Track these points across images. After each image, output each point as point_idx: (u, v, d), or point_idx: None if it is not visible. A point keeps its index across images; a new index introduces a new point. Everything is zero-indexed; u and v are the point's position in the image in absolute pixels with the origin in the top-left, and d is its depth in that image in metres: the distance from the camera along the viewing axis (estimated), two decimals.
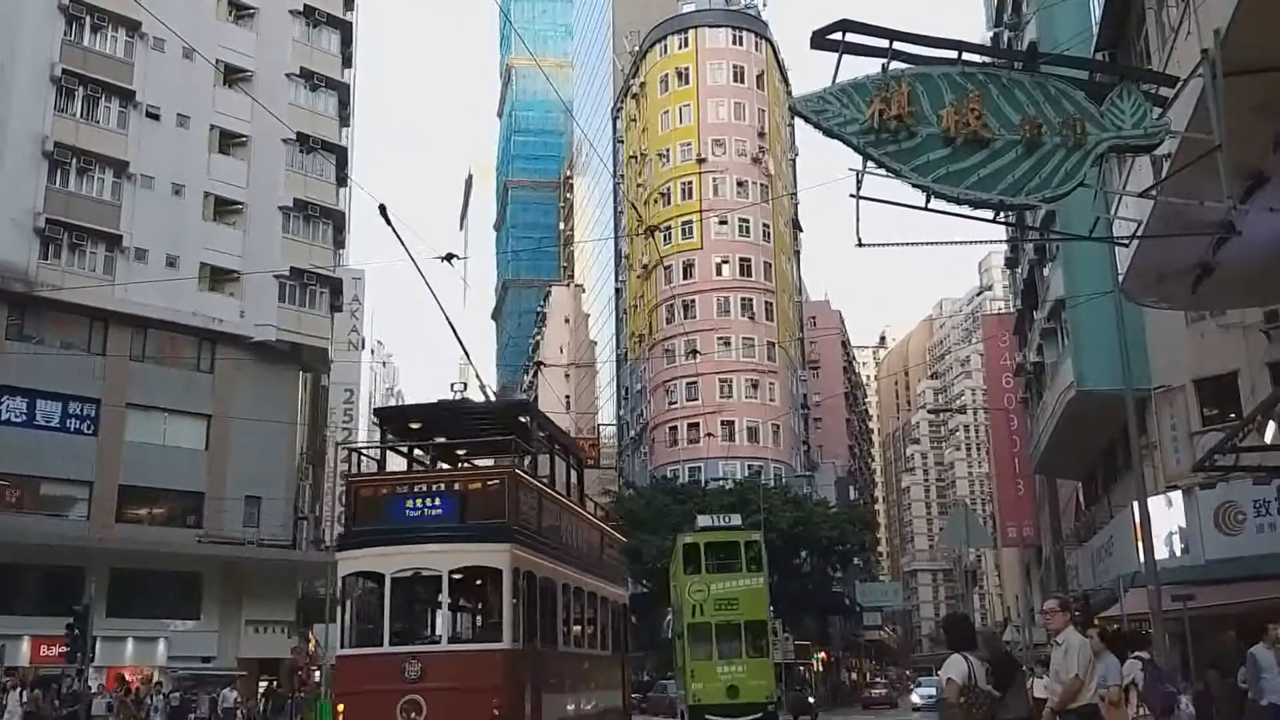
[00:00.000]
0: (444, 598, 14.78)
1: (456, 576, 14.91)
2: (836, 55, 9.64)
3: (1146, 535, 19.08)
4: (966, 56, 10.14)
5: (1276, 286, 15.72)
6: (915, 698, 45.68)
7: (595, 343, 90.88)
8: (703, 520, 35.41)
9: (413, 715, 13.78)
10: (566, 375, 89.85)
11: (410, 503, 15.05)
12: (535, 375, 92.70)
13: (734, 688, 28.88)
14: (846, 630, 78.28)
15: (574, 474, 19.90)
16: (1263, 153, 10.92)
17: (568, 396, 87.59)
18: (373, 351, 72.21)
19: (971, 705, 8.37)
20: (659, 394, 68.61)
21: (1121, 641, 10.28)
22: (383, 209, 13.19)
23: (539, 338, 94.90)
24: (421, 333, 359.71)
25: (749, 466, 62.36)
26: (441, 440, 17.60)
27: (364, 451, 19.77)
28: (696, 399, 66.07)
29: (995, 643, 11.62)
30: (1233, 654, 22.87)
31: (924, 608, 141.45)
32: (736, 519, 35.47)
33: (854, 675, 75.55)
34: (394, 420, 18.26)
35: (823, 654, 65.20)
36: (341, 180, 44.33)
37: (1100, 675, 8.77)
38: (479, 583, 15.88)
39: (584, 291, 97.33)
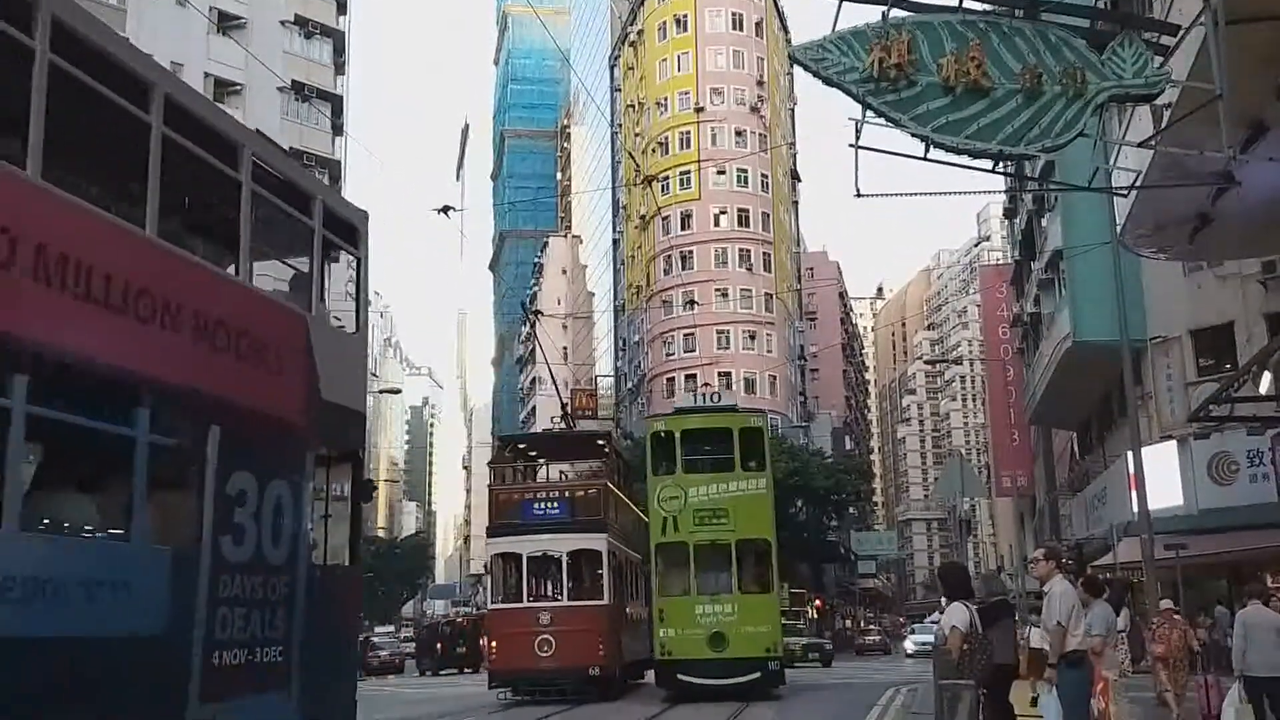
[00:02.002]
0: (563, 570, 22.04)
1: (570, 556, 22.01)
2: (837, 2, 9.59)
3: (1140, 485, 19.25)
4: (967, 4, 10.09)
5: (1274, 237, 15.74)
6: (909, 645, 46.09)
7: (593, 294, 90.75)
8: (680, 402, 28.50)
9: (544, 649, 21.05)
10: (564, 326, 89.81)
11: (537, 505, 22.65)
12: (533, 326, 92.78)
13: (719, 636, 20.28)
14: (841, 578, 79.06)
15: (621, 472, 25.99)
16: (1263, 102, 10.89)
17: (565, 347, 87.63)
18: (369, 302, 72.00)
19: (975, 652, 8.49)
20: (656, 345, 68.65)
21: (1095, 587, 10.35)
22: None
23: (536, 289, 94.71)
24: (418, 282, 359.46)
25: None
26: (538, 459, 25.95)
27: (495, 465, 25.83)
28: (694, 350, 66.11)
29: (994, 583, 11.69)
30: (1225, 602, 23.19)
31: (918, 556, 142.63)
32: (732, 401, 26.98)
33: (848, 623, 76.34)
34: (511, 443, 27.32)
35: (817, 601, 65.86)
36: (337, 129, 44.02)
37: (1086, 623, 8.83)
38: (585, 560, 22.39)
39: (581, 243, 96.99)
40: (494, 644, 22.49)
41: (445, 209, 21.78)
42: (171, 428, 6.62)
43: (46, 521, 6.07)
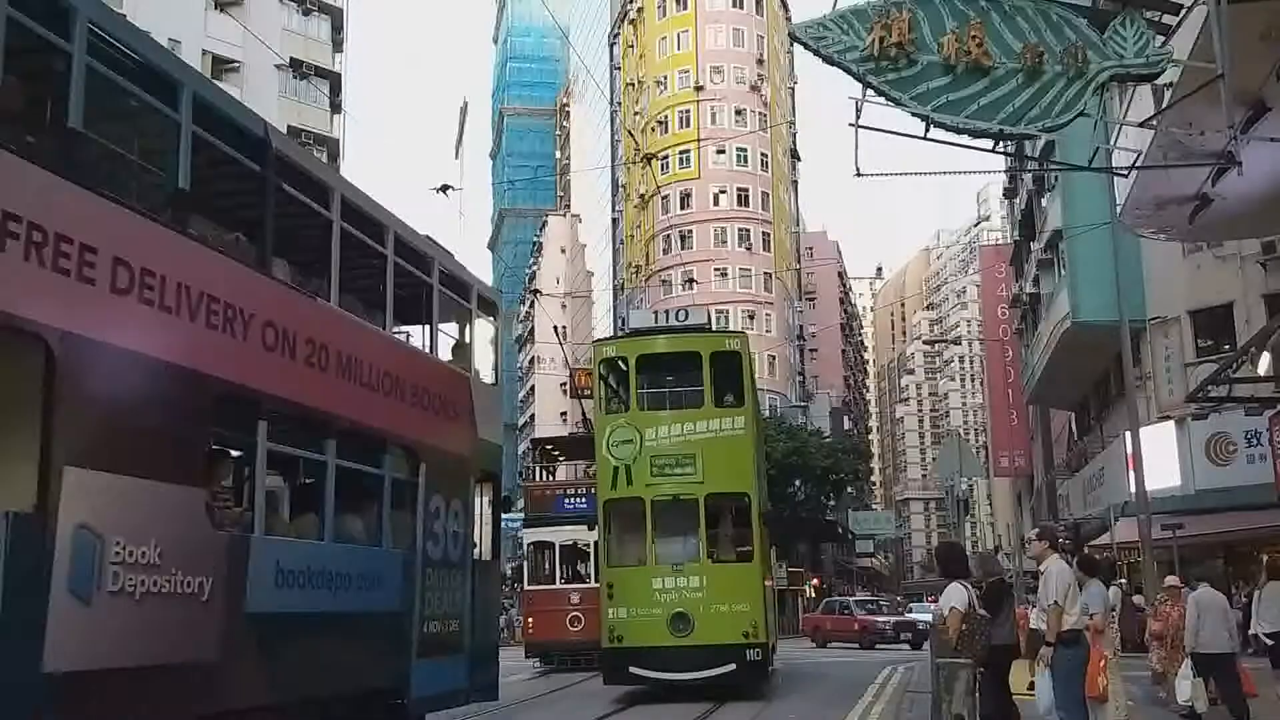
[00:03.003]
0: (591, 556, 22.93)
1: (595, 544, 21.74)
2: None
3: (1138, 465, 19.31)
4: None
5: (1274, 218, 15.73)
6: None
7: (592, 273, 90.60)
8: (638, 318, 22.16)
9: (575, 625, 23.14)
10: (563, 305, 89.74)
11: (568, 500, 25.18)
12: (532, 305, 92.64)
13: (683, 617, 16.03)
14: (839, 557, 79.33)
15: None
16: (1264, 82, 10.87)
17: (564, 326, 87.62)
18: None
19: (974, 631, 8.53)
20: None
21: (1091, 566, 10.41)
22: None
23: (536, 267, 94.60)
24: None
25: None
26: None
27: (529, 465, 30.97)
28: None
29: (990, 564, 11.68)
30: (1221, 582, 23.29)
31: (916, 536, 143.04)
32: (701, 318, 20.22)
33: None
34: (542, 444, 32.67)
35: (815, 580, 66.10)
36: (335, 107, 43.84)
37: (1082, 602, 8.87)
38: None
39: (580, 221, 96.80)
40: (530, 620, 25.58)
41: (444, 188, 21.75)
42: (402, 467, 10.07)
43: (340, 535, 9.13)
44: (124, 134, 7.84)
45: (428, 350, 11.20)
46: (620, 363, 17.89)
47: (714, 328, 19.82)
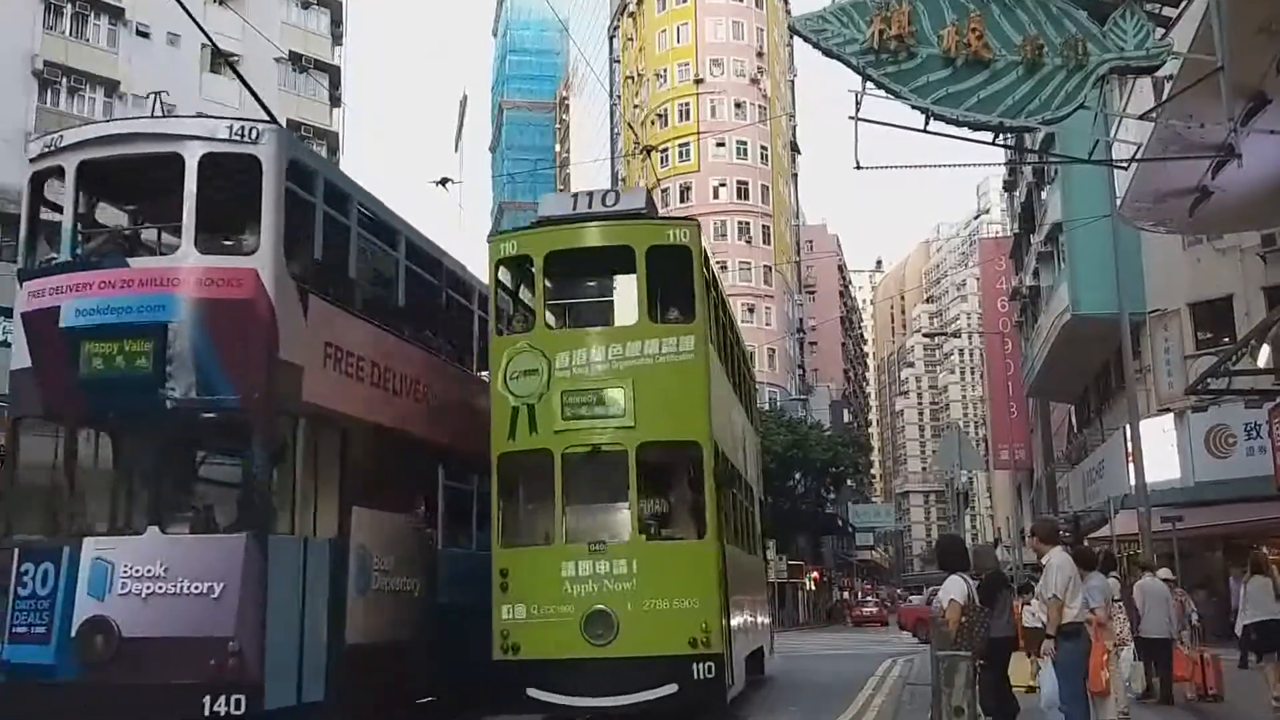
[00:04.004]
0: None
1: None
2: None
3: (1137, 457, 19.31)
4: None
5: (1274, 210, 15.73)
6: None
7: None
8: (548, 204, 13.74)
9: None
10: None
11: None
12: None
13: (602, 618, 11.29)
14: (839, 550, 79.43)
15: None
16: (1264, 75, 10.87)
17: None
18: None
19: (973, 624, 8.56)
20: None
21: (1088, 560, 10.44)
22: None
23: None
24: None
25: None
26: None
27: None
28: None
29: (987, 558, 11.61)
30: (1220, 574, 23.34)
31: (915, 529, 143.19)
32: (639, 201, 13.39)
33: (845, 594, 76.75)
34: None
35: (815, 573, 66.21)
36: (335, 101, 43.80)
37: (1083, 595, 8.87)
38: None
39: None
40: None
41: (444, 181, 21.67)
42: (479, 483, 12.60)
43: (463, 540, 12.88)
44: (371, 269, 11.60)
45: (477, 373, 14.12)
46: (523, 263, 12.79)
47: (654, 214, 13.54)
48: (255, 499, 9.15)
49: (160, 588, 8.69)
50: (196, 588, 8.72)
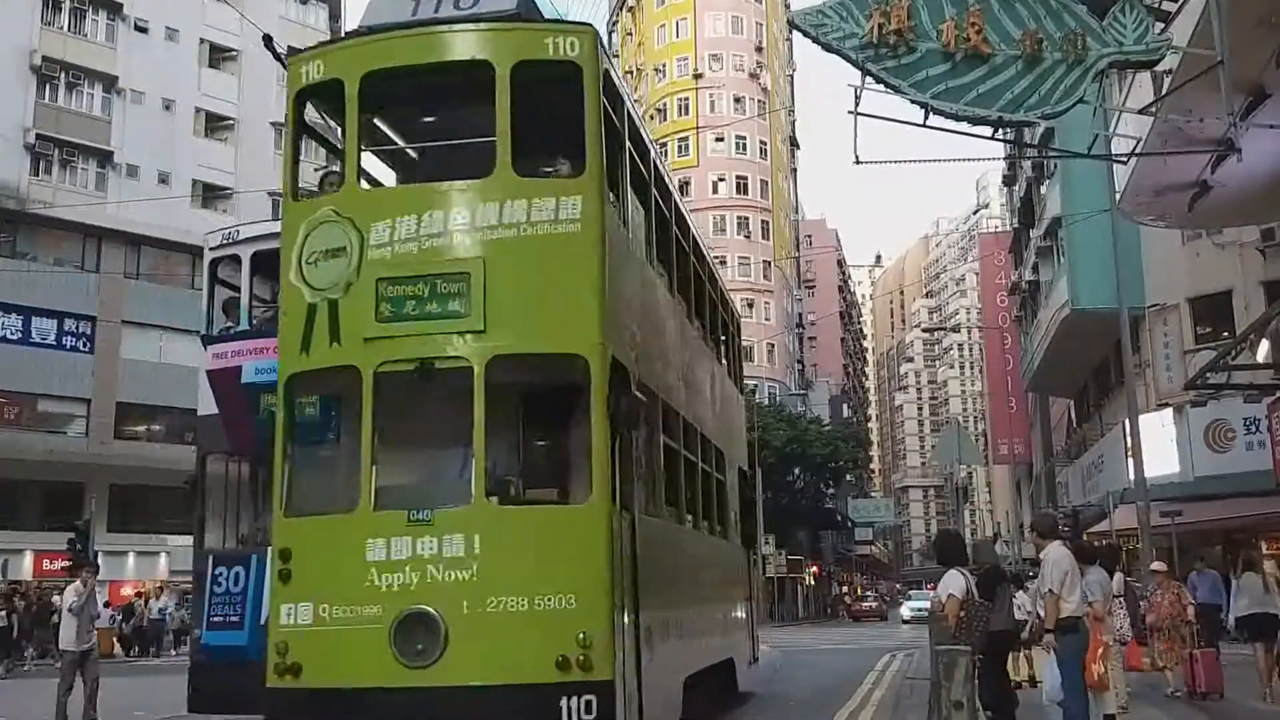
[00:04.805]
0: None
1: None
2: None
3: (1137, 452, 19.30)
4: None
5: (1274, 205, 15.73)
6: (905, 611, 46.40)
7: None
8: (377, 9, 8.50)
9: None
10: None
11: None
12: None
13: (424, 625, 6.88)
14: (838, 545, 79.47)
15: None
16: (1263, 69, 10.86)
17: None
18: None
19: (972, 619, 8.56)
20: None
21: (1086, 555, 10.43)
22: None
23: None
24: None
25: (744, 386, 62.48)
26: None
27: None
28: None
29: (985, 552, 11.63)
30: (1220, 569, 23.33)
31: (915, 523, 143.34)
32: (510, 5, 8.17)
33: (845, 589, 76.84)
34: None
35: (814, 568, 66.27)
36: None
37: (1082, 590, 8.87)
38: None
39: None
40: None
41: None
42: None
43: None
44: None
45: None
46: (331, 90, 8.09)
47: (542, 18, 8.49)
48: None
49: None
50: None
